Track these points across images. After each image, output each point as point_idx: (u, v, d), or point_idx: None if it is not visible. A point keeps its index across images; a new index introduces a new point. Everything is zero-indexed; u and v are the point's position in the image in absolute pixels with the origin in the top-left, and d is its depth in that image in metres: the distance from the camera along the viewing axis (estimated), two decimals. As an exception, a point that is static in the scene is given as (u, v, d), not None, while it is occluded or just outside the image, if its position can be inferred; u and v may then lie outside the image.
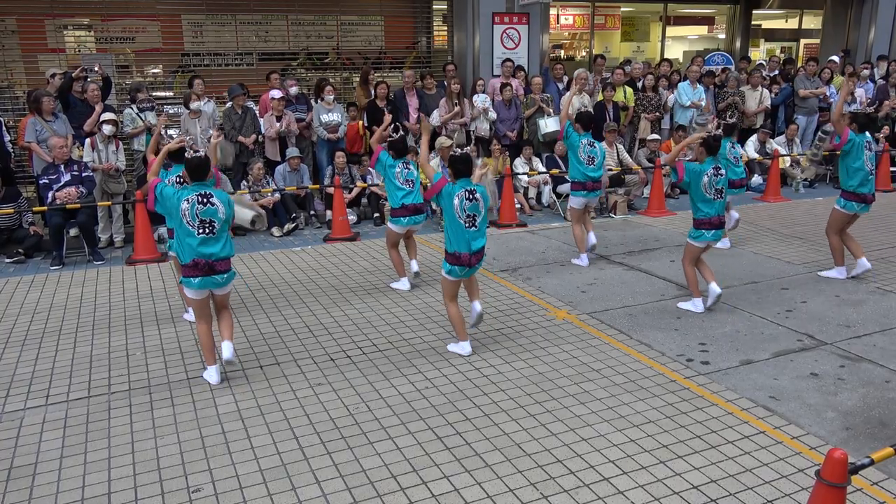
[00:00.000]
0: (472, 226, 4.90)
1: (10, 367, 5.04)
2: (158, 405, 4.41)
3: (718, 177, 5.84)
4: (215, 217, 4.54)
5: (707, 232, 5.84)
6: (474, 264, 5.00)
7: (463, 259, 4.91)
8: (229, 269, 4.68)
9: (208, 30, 11.23)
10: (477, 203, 4.91)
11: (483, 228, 5.00)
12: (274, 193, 8.94)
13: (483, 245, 5.00)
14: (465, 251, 4.91)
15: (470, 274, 5.12)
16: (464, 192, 4.88)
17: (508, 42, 11.44)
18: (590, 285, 6.65)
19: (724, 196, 5.91)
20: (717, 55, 13.55)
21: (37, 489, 3.57)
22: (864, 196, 6.62)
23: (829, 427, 4.09)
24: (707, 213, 5.83)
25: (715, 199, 5.83)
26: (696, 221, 5.90)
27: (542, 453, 3.82)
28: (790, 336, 5.42)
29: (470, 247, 4.92)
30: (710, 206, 5.82)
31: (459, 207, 4.86)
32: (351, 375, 4.80)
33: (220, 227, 4.58)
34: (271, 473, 3.66)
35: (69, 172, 7.82)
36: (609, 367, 4.89)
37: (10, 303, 6.41)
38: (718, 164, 5.89)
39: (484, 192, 5.00)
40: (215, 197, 4.56)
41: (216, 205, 4.54)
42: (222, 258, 4.60)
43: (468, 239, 4.90)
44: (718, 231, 5.90)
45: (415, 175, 6.48)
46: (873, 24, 14.29)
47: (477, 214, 4.92)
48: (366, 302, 6.26)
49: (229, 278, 4.71)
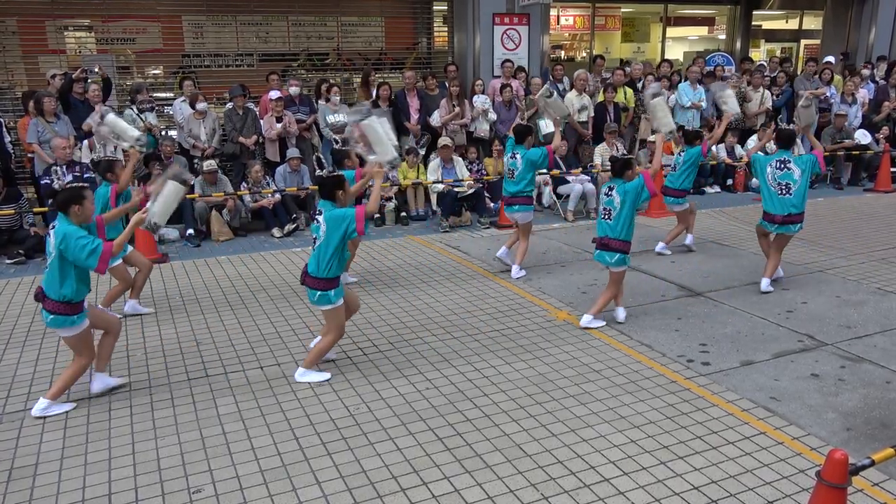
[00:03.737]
0: (313, 246, 4.67)
1: (10, 367, 5.04)
2: (159, 406, 4.42)
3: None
4: (48, 249, 4.26)
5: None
6: (306, 285, 4.66)
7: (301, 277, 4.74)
8: (53, 312, 4.24)
9: (209, 31, 11.24)
10: (318, 225, 4.61)
11: (317, 254, 4.59)
12: (274, 194, 8.94)
13: (313, 273, 4.58)
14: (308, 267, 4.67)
15: (309, 299, 4.76)
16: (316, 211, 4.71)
17: (509, 43, 11.45)
18: (590, 286, 6.65)
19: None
20: (717, 56, 13.56)
21: (37, 490, 3.58)
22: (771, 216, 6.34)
23: (829, 428, 4.09)
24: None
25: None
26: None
27: (543, 454, 3.82)
28: (791, 337, 5.42)
29: (309, 265, 4.64)
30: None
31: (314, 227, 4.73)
32: (352, 376, 4.80)
33: (51, 260, 4.23)
34: (272, 474, 3.67)
35: (71, 173, 7.82)
36: (609, 367, 4.89)
37: (11, 304, 6.41)
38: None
39: (333, 216, 4.53)
40: (54, 230, 4.22)
41: (51, 236, 4.23)
42: (45, 296, 4.26)
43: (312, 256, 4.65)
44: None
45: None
46: (873, 25, 14.29)
47: (317, 237, 4.61)
48: (366, 303, 6.26)
49: (54, 323, 4.28)
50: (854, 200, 10.59)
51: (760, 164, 6.32)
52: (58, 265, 4.17)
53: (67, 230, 4.15)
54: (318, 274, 4.55)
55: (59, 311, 4.22)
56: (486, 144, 10.25)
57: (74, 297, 4.24)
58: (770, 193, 6.26)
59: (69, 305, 4.23)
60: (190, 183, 5.49)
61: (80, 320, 4.32)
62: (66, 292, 4.20)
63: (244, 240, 8.71)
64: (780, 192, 6.18)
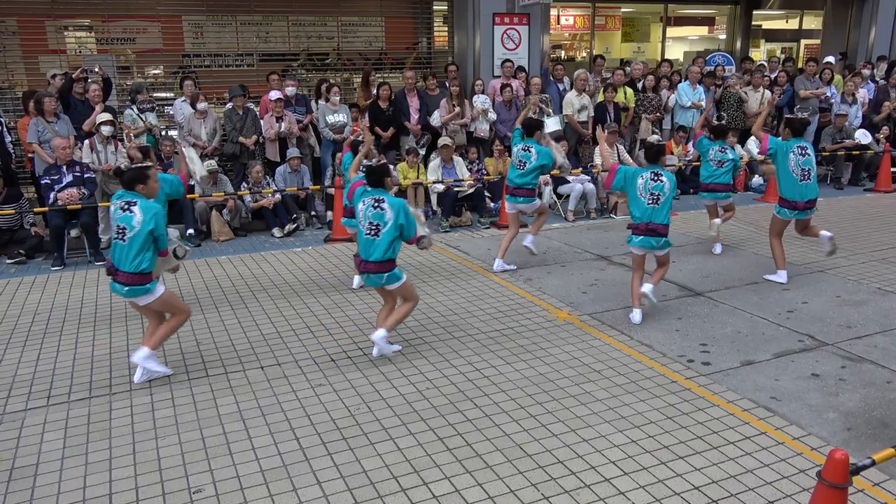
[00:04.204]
0: (373, 234, 4.84)
1: (11, 367, 5.04)
2: (159, 406, 4.42)
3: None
4: (129, 224, 4.47)
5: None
6: (371, 271, 4.87)
7: (356, 262, 5.01)
8: (128, 283, 4.50)
9: (209, 31, 11.25)
10: (383, 213, 4.82)
11: (385, 240, 4.81)
12: (274, 194, 8.94)
13: (379, 258, 4.83)
14: (363, 256, 4.91)
15: (373, 284, 4.99)
16: (371, 199, 4.88)
17: (509, 43, 11.44)
18: (591, 286, 6.65)
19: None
20: (717, 55, 13.56)
21: (38, 490, 3.58)
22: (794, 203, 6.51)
23: (830, 428, 4.09)
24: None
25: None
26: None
27: (543, 454, 3.82)
28: (791, 337, 5.42)
29: (368, 254, 4.87)
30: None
31: (363, 213, 4.89)
32: (352, 376, 4.80)
33: (132, 236, 4.46)
34: (272, 474, 3.67)
35: (71, 173, 7.83)
36: (610, 367, 4.89)
37: (12, 304, 6.41)
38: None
39: (399, 204, 4.85)
40: (138, 206, 4.48)
41: (134, 213, 4.47)
42: (121, 270, 4.51)
43: (365, 245, 4.87)
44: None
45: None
46: (874, 25, 14.29)
47: (381, 224, 4.82)
48: (367, 303, 6.26)
49: (131, 293, 4.55)
50: (854, 200, 10.59)
51: (783, 152, 6.46)
52: (142, 239, 4.45)
53: (155, 207, 4.50)
54: (384, 257, 4.80)
55: (135, 282, 4.49)
56: (487, 144, 10.25)
57: (149, 267, 4.53)
58: (791, 180, 6.42)
59: (143, 275, 4.51)
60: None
61: (154, 286, 4.61)
62: (144, 265, 4.49)
63: (244, 240, 8.71)
64: (801, 178, 6.39)
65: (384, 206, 4.81)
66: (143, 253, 4.48)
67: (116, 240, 4.52)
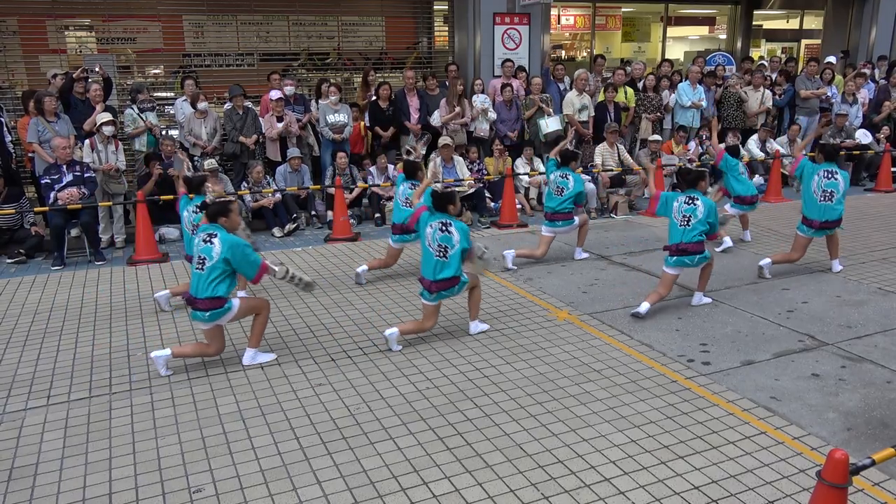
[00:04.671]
0: (441, 256, 5.19)
1: (11, 367, 5.04)
2: (159, 405, 4.42)
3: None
4: (209, 255, 4.73)
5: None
6: (443, 289, 5.22)
7: (424, 284, 5.28)
8: (208, 309, 4.74)
9: (209, 30, 11.25)
10: (450, 236, 5.18)
11: (454, 261, 5.19)
12: (275, 194, 8.94)
13: (449, 276, 5.18)
14: (429, 277, 5.22)
15: (437, 299, 5.28)
16: (438, 223, 5.22)
17: (509, 42, 11.44)
18: (591, 286, 6.65)
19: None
20: (718, 55, 13.55)
21: (38, 489, 3.58)
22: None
23: (830, 428, 4.09)
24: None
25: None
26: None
27: (543, 454, 3.82)
28: (791, 336, 5.42)
29: (436, 274, 5.19)
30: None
31: (431, 237, 5.21)
32: (352, 376, 4.80)
33: (210, 266, 4.72)
34: (272, 474, 3.67)
35: (71, 173, 7.83)
36: (610, 367, 4.89)
37: (12, 303, 6.41)
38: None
39: (463, 228, 5.24)
40: (218, 237, 4.76)
41: (214, 244, 4.74)
42: (199, 298, 4.76)
43: (434, 266, 5.20)
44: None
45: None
46: (874, 25, 14.28)
47: (449, 246, 5.17)
48: (367, 302, 6.26)
49: (212, 317, 4.79)
50: (855, 200, 10.57)
51: (808, 173, 6.67)
52: (220, 268, 4.72)
53: (235, 240, 4.76)
54: (454, 275, 5.19)
55: (214, 307, 4.74)
56: (486, 144, 10.25)
57: (226, 293, 4.80)
58: (812, 199, 6.58)
59: (221, 300, 4.76)
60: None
61: (231, 302, 4.85)
62: (221, 291, 4.75)
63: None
64: (821, 199, 6.53)
65: (451, 229, 5.18)
66: (220, 281, 4.75)
67: (197, 270, 4.79)
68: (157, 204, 8.21)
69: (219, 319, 4.82)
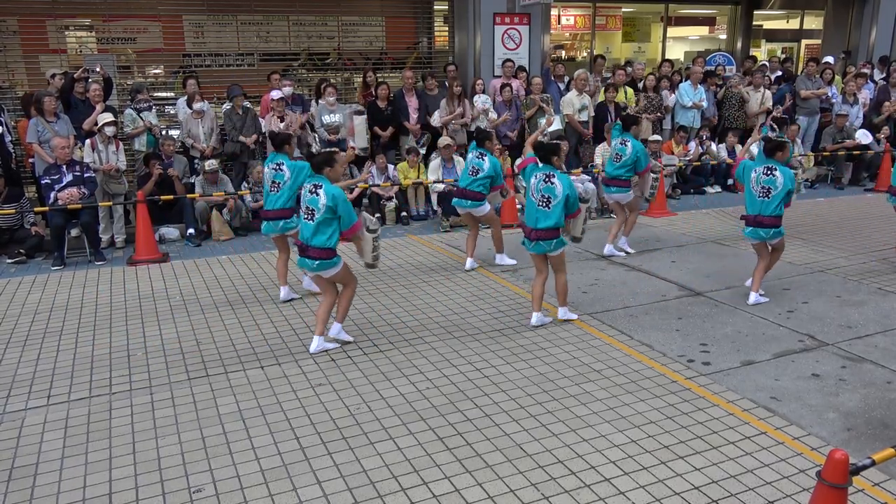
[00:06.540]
0: (545, 205, 5.43)
1: (11, 367, 5.04)
2: (159, 405, 4.42)
3: (767, 177, 6.04)
4: (315, 206, 4.97)
5: (746, 228, 6.20)
6: (541, 238, 5.47)
7: (525, 231, 5.59)
8: (318, 258, 5.01)
9: (209, 30, 11.24)
10: (553, 187, 5.41)
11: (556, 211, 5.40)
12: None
13: (549, 226, 5.41)
14: (531, 225, 5.52)
15: (541, 251, 5.56)
16: (542, 174, 5.46)
17: (509, 42, 11.44)
18: (591, 286, 6.65)
19: (769, 197, 5.97)
20: (718, 55, 13.55)
21: (38, 489, 3.58)
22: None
23: (830, 428, 4.09)
24: (747, 209, 6.23)
25: (759, 198, 6.07)
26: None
27: (543, 454, 3.82)
28: (791, 337, 5.42)
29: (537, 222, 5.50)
30: (752, 203, 6.11)
31: (535, 187, 5.45)
32: (352, 376, 4.80)
33: (319, 217, 4.97)
34: (272, 474, 3.67)
35: (71, 173, 7.82)
36: (610, 367, 4.89)
37: (12, 303, 6.41)
38: (768, 165, 6.08)
39: (567, 180, 5.42)
40: (323, 188, 4.98)
41: (319, 195, 4.96)
42: (311, 246, 5.03)
43: (536, 216, 5.49)
44: (751, 230, 6.12)
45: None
46: (874, 25, 14.28)
47: (552, 197, 5.41)
48: (367, 302, 6.26)
49: (320, 267, 5.05)
50: (855, 200, 10.59)
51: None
52: (328, 219, 4.96)
53: (337, 191, 4.97)
54: (555, 225, 5.42)
55: (324, 256, 5.00)
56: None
57: (335, 244, 5.04)
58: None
59: (332, 251, 5.02)
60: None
61: (339, 259, 5.10)
62: (332, 242, 5.00)
63: (245, 239, 8.71)
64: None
65: (554, 181, 5.38)
66: (331, 233, 4.99)
67: (306, 220, 5.02)
68: (157, 204, 8.22)
69: (324, 271, 5.06)
